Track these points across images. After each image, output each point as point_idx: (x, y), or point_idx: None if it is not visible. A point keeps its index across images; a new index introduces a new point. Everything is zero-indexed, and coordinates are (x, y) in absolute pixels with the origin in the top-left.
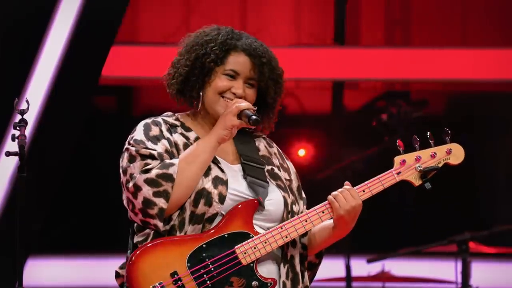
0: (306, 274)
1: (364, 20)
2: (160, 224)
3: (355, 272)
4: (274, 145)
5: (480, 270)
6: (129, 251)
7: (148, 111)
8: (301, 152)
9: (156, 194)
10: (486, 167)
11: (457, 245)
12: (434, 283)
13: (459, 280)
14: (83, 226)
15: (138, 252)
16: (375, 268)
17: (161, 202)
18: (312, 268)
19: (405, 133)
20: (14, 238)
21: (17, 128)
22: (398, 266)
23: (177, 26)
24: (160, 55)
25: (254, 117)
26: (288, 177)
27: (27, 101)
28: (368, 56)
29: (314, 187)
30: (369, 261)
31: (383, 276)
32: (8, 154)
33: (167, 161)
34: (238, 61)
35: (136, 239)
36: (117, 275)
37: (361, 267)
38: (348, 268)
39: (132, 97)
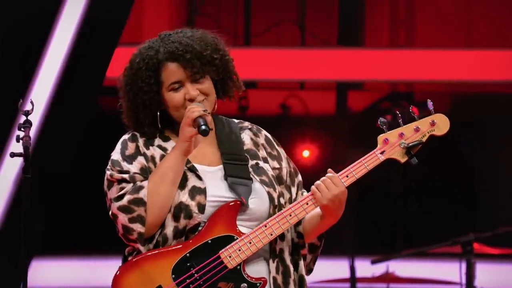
0: (301, 263)
1: (368, 21)
2: (142, 248)
3: (359, 273)
4: (263, 133)
5: (484, 271)
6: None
7: None
8: (306, 153)
9: (131, 220)
10: (489, 168)
11: (461, 246)
12: (439, 284)
13: (464, 281)
14: (88, 227)
15: (121, 270)
16: (379, 269)
17: (138, 227)
18: (315, 250)
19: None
20: (19, 239)
21: (22, 129)
22: (402, 267)
23: (181, 27)
24: None
25: (203, 127)
26: (277, 165)
27: (31, 102)
28: (372, 57)
29: None
30: (373, 262)
31: (388, 277)
32: (13, 155)
33: (138, 183)
34: (171, 72)
35: (127, 249)
36: None
37: (365, 268)
38: (352, 269)
39: None
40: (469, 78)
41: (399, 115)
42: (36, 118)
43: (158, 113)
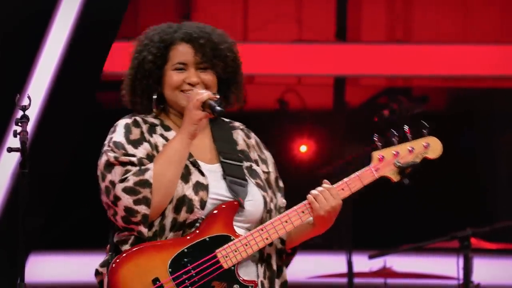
0: (284, 269)
1: (366, 15)
2: (144, 230)
3: (356, 268)
4: (252, 135)
5: (482, 266)
6: (109, 249)
7: None
8: (303, 148)
9: (136, 202)
10: (487, 163)
11: (459, 241)
12: (436, 279)
13: (461, 276)
14: (85, 222)
15: (119, 260)
16: (377, 264)
17: (143, 208)
18: (287, 258)
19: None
20: (16, 234)
21: (19, 124)
22: (400, 262)
23: (178, 22)
24: None
25: (218, 108)
26: (266, 169)
27: (28, 97)
28: (370, 52)
29: (316, 183)
30: (371, 257)
31: (385, 272)
32: (10, 150)
33: (143, 167)
34: (180, 52)
35: (117, 238)
36: (97, 272)
37: (363, 263)
38: (350, 264)
39: None
40: (466, 73)
41: (395, 133)
42: (33, 113)
43: (154, 97)
